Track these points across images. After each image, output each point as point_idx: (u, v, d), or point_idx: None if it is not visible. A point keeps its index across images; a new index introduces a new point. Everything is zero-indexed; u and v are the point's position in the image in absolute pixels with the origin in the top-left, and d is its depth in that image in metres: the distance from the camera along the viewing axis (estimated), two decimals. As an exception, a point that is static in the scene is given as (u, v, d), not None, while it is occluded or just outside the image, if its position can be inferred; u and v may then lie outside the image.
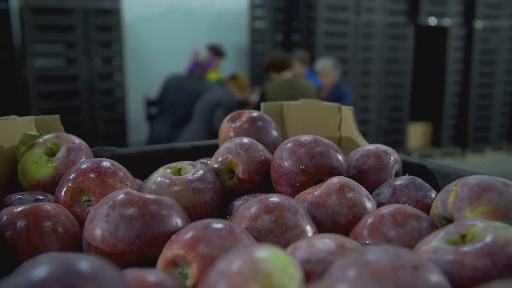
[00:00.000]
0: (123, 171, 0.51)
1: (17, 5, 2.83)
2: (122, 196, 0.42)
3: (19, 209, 0.43)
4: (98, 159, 0.51)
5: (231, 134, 0.63)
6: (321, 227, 0.45)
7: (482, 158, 4.33)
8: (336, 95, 2.91)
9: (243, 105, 2.93)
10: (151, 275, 0.31)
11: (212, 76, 3.31)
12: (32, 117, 0.63)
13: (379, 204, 0.51)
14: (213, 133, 2.53)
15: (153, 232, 0.40)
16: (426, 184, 0.52)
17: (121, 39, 3.08)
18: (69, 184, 0.48)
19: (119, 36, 3.08)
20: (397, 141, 4.07)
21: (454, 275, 0.31)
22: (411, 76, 4.11)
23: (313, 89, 2.67)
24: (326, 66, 3.02)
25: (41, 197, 0.51)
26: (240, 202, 0.52)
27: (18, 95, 2.91)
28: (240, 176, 0.55)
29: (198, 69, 2.81)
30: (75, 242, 0.44)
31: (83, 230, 0.42)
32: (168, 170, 0.54)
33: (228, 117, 0.66)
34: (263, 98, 2.55)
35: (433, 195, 0.51)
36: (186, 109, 2.75)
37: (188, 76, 2.82)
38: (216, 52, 3.32)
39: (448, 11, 4.05)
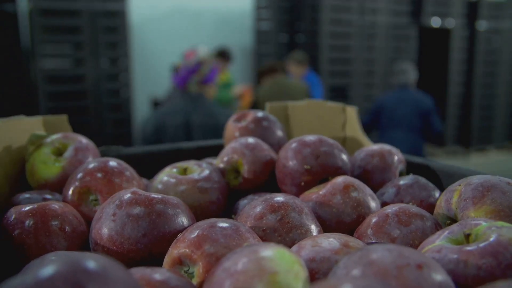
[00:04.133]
0: (129, 171, 0.51)
1: (26, 8, 2.85)
2: (128, 195, 0.42)
3: (27, 208, 0.44)
4: (105, 158, 0.51)
5: (237, 134, 0.63)
6: (325, 226, 0.46)
7: (485, 157, 4.31)
8: None
9: None
10: (157, 274, 0.31)
11: (223, 78, 3.31)
12: (40, 117, 0.63)
13: (383, 204, 0.51)
14: None
15: (159, 231, 0.40)
16: (430, 184, 0.53)
17: (127, 41, 3.10)
18: (77, 184, 0.49)
19: (125, 37, 3.09)
20: (401, 142, 4.05)
21: (458, 274, 0.31)
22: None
23: (303, 89, 2.74)
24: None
25: (49, 196, 0.51)
26: (245, 201, 0.53)
27: (26, 95, 2.93)
28: (245, 175, 0.55)
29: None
30: (82, 241, 0.45)
31: (90, 229, 0.43)
32: (174, 170, 0.54)
33: (234, 117, 0.66)
34: (255, 104, 2.62)
35: (437, 194, 0.51)
36: None
37: None
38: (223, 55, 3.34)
39: (451, 12, 4.03)
